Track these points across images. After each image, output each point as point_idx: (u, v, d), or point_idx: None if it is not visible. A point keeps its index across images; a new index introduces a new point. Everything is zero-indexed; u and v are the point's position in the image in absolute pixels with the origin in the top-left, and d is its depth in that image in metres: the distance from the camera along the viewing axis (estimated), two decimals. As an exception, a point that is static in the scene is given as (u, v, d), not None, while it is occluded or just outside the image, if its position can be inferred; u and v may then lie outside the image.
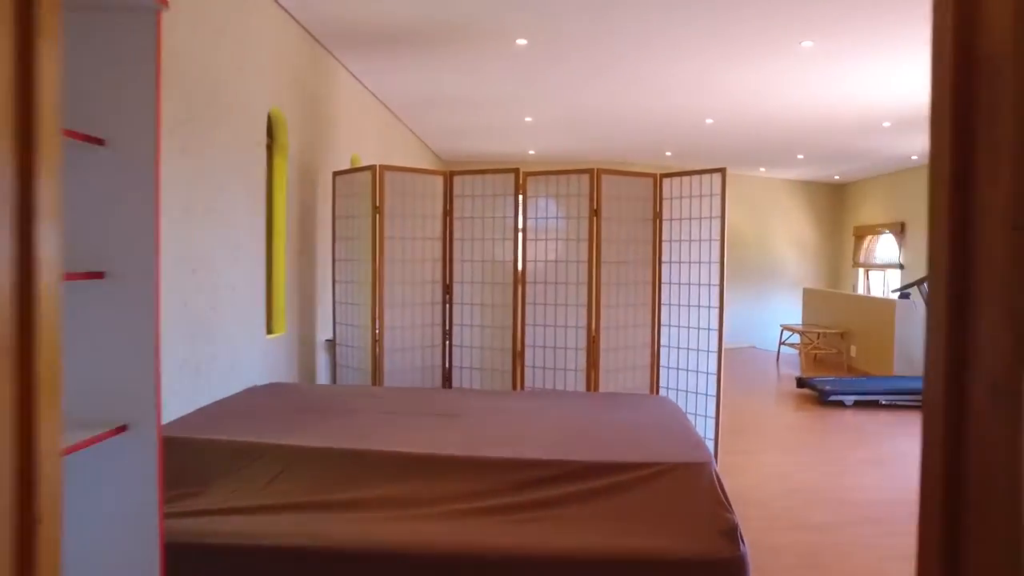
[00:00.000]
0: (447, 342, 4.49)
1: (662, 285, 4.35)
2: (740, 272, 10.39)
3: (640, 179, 4.32)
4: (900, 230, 9.88)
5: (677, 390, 4.29)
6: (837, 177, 11.08)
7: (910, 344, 7.66)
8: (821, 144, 8.09)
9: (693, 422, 4.15)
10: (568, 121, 7.17)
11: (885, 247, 10.55)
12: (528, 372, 4.32)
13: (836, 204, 11.75)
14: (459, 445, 2.50)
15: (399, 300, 4.31)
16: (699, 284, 4.17)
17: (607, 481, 2.27)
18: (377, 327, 4.22)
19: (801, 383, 7.08)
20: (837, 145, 8.11)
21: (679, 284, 4.28)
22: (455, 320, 4.47)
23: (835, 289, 11.19)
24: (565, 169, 4.29)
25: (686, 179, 4.22)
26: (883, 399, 6.54)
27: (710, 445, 4.12)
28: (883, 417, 6.17)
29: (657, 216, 4.33)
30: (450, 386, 4.48)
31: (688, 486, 2.26)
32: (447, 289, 4.48)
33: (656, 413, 2.97)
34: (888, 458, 4.87)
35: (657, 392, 4.35)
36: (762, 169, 10.57)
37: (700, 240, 4.15)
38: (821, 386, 6.70)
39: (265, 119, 3.78)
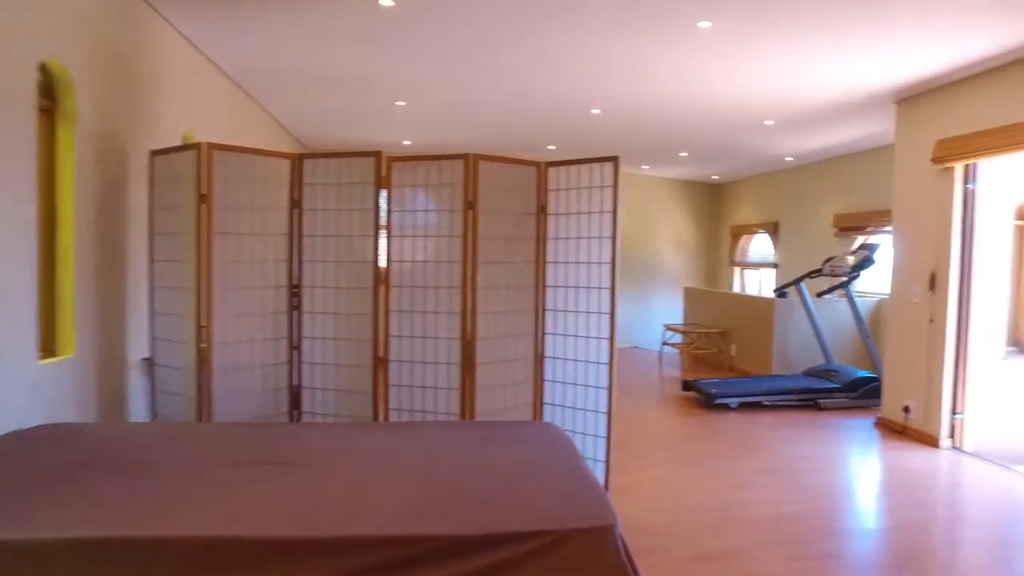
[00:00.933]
0: (295, 357, 3.74)
1: (547, 288, 3.85)
2: (623, 271, 10.22)
3: (523, 167, 3.78)
4: (774, 229, 10.09)
5: (564, 407, 3.79)
6: (715, 177, 11.20)
7: (788, 343, 7.72)
8: (704, 141, 7.98)
9: (582, 442, 3.69)
10: (444, 108, 6.55)
11: (759, 246, 10.79)
12: (392, 392, 3.66)
13: (714, 204, 11.92)
14: (284, 516, 1.81)
15: (233, 309, 3.52)
16: (588, 287, 3.70)
17: (484, 561, 1.68)
18: (203, 342, 3.41)
19: (687, 386, 6.90)
20: (719, 143, 8.04)
21: (566, 287, 3.78)
22: (305, 332, 3.72)
23: (713, 288, 11.32)
24: (436, 155, 3.66)
25: (574, 168, 3.72)
26: (766, 400, 6.52)
27: (600, 468, 3.67)
28: (768, 419, 6.10)
29: (542, 210, 3.81)
30: (299, 410, 3.74)
31: (589, 560, 1.72)
32: (295, 295, 3.73)
33: (544, 451, 2.41)
34: (779, 465, 4.71)
35: (541, 412, 3.83)
36: (645, 167, 10.47)
37: (590, 238, 3.67)
38: (707, 389, 6.55)
39: (35, 73, 2.86)
